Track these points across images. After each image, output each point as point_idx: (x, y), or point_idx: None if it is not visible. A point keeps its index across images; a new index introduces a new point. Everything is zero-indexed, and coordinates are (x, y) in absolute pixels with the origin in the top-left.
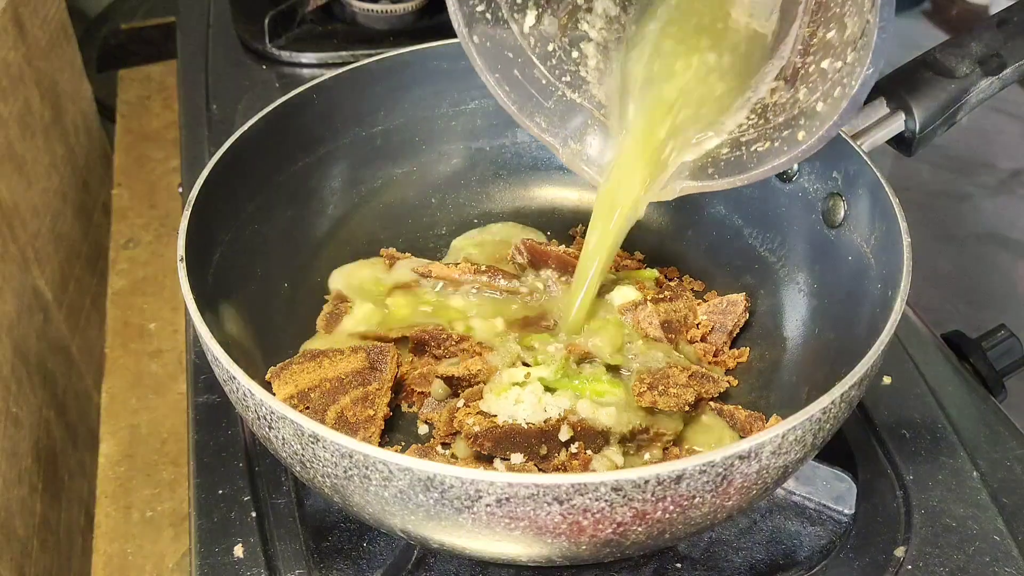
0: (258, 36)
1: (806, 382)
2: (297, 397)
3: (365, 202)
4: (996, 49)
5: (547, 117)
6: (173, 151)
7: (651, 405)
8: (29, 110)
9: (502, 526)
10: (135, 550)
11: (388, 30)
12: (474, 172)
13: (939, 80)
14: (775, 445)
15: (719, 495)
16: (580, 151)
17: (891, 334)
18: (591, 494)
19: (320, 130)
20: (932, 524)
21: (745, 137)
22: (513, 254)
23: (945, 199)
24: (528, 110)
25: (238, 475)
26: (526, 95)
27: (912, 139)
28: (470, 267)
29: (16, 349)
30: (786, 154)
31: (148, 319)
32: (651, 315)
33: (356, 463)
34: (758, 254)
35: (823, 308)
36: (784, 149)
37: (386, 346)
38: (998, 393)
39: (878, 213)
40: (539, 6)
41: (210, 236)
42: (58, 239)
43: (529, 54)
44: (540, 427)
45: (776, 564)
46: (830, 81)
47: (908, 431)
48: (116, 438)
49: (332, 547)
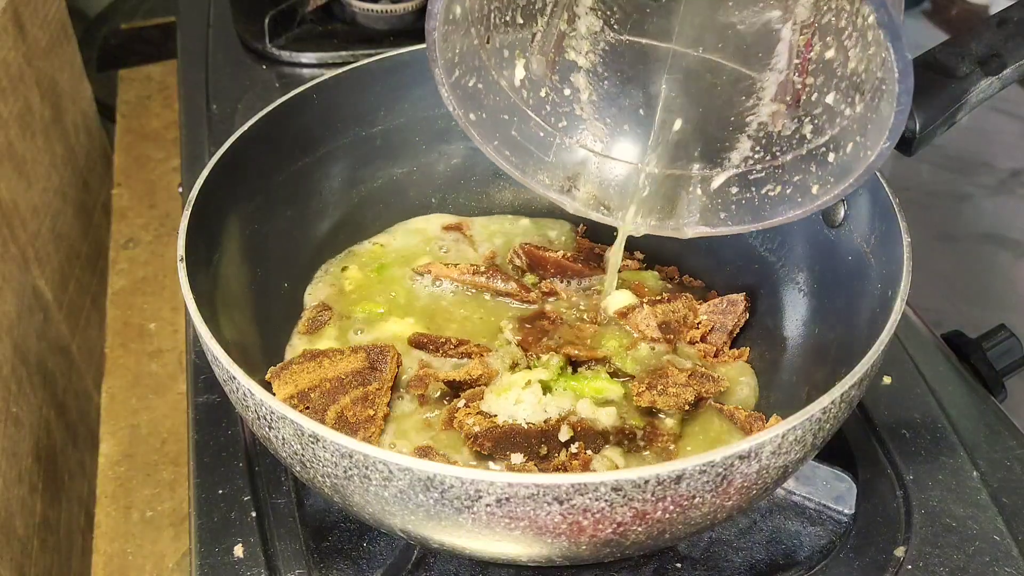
0: (258, 36)
1: (806, 382)
2: (297, 397)
3: (365, 202)
4: (996, 49)
5: (550, 172)
6: (173, 151)
7: (650, 405)
8: (29, 110)
9: (502, 526)
10: (135, 550)
11: (388, 30)
12: (474, 172)
13: (939, 80)
14: (775, 445)
15: (719, 495)
16: (588, 195)
17: (891, 334)
18: (591, 494)
19: (320, 130)
20: (932, 524)
21: (753, 175)
22: (512, 257)
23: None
24: (531, 170)
25: (238, 475)
26: (526, 154)
27: (912, 139)
28: (469, 268)
29: (16, 349)
30: (800, 206)
31: (148, 319)
32: (648, 317)
33: (356, 463)
34: (758, 254)
35: (823, 308)
36: (798, 200)
37: (386, 346)
38: (998, 393)
39: (878, 213)
40: (524, 53)
41: (210, 236)
42: (58, 239)
43: (523, 108)
44: (540, 427)
45: (776, 564)
46: (839, 127)
47: (908, 431)
48: (116, 438)
49: (332, 547)
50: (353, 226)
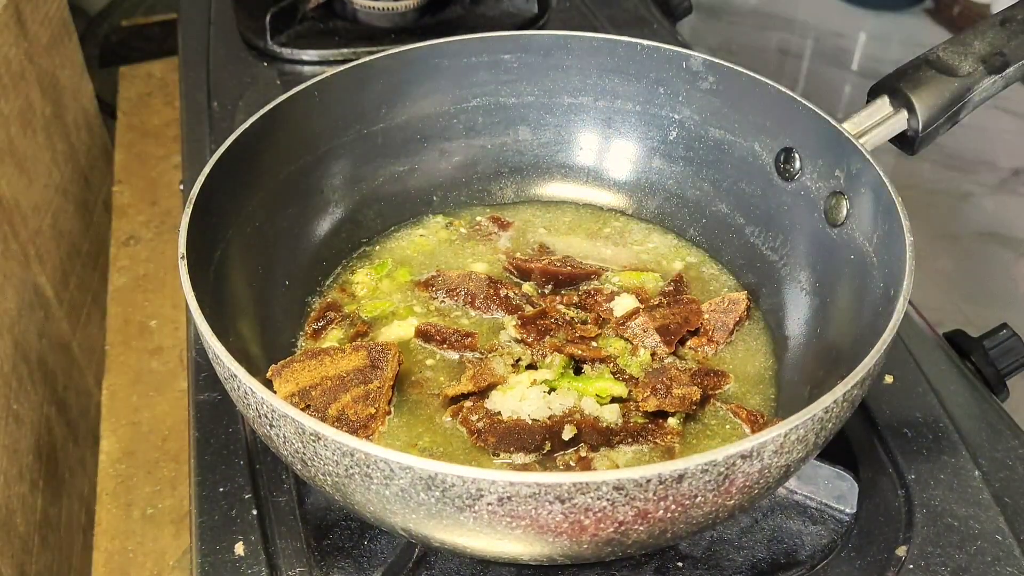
0: (259, 33)
1: (808, 381)
2: (298, 395)
3: (367, 200)
4: (999, 47)
5: None
6: (174, 148)
7: (657, 409)
8: (30, 107)
9: (503, 525)
10: (136, 547)
11: (389, 27)
12: (475, 170)
13: (942, 78)
14: (777, 444)
15: (721, 494)
16: None
17: (894, 333)
18: (593, 493)
19: (321, 128)
20: (934, 523)
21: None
22: (508, 267)
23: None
24: None
25: (239, 473)
26: None
27: (915, 138)
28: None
29: (17, 346)
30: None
31: (149, 316)
32: (646, 323)
33: (357, 461)
34: (760, 253)
35: (825, 307)
36: None
37: (387, 344)
38: (1000, 392)
39: (881, 212)
40: None
41: (211, 234)
42: (59, 236)
43: None
44: (544, 423)
45: (777, 563)
46: None
47: (910, 430)
48: (117, 435)
49: (333, 545)
50: (354, 224)
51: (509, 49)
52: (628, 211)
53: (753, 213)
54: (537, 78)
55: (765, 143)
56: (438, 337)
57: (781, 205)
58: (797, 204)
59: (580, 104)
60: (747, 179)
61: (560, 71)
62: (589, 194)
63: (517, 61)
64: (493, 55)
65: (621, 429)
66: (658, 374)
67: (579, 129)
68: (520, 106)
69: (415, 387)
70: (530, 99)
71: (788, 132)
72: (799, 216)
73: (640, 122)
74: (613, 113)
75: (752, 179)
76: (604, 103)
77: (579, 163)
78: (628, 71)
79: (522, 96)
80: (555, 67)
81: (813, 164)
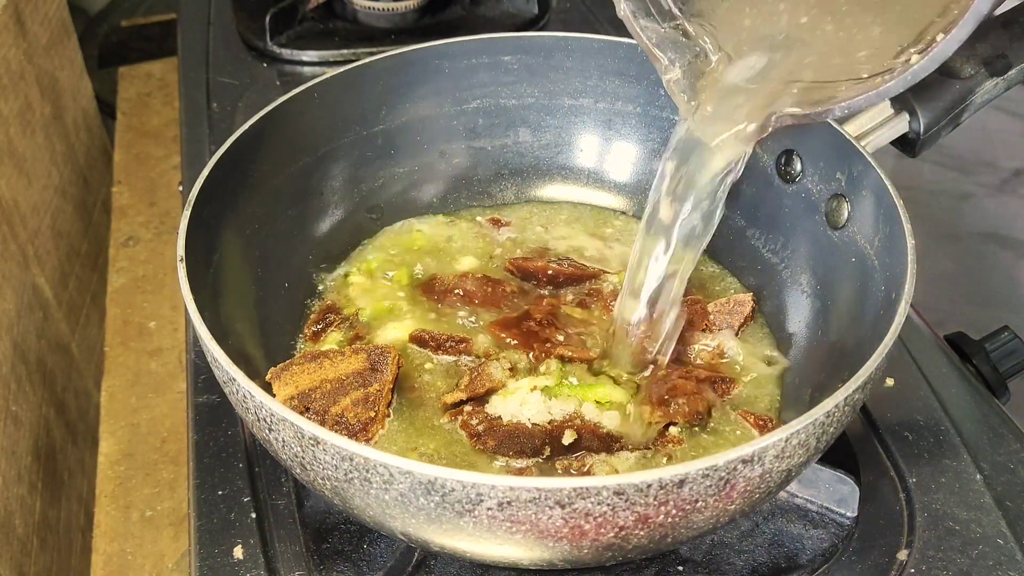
0: (259, 34)
1: (809, 384)
2: (297, 398)
3: (366, 202)
4: (1001, 50)
5: (658, 34)
6: (173, 149)
7: (662, 420)
8: (29, 107)
9: (503, 530)
10: (135, 549)
11: (390, 28)
12: (476, 171)
13: (944, 81)
14: (778, 449)
15: (722, 499)
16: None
17: (895, 337)
18: (593, 498)
19: (321, 129)
20: (935, 527)
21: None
22: (508, 268)
23: (946, 198)
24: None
25: (238, 476)
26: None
27: (916, 140)
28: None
29: (16, 347)
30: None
31: (148, 317)
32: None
33: (357, 466)
34: (761, 255)
35: (826, 310)
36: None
37: (387, 347)
38: (1001, 395)
39: (882, 215)
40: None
41: (210, 236)
42: (58, 237)
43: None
44: (544, 427)
45: (778, 567)
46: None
47: (911, 433)
48: (116, 437)
49: (332, 549)
50: (354, 225)
51: (509, 50)
52: (628, 212)
53: (754, 216)
54: (537, 80)
55: (766, 145)
56: (432, 343)
57: (782, 207)
58: (798, 207)
59: (580, 106)
60: (748, 181)
61: (560, 72)
62: (589, 195)
63: (517, 62)
64: (493, 56)
65: (622, 434)
66: (661, 383)
67: (579, 131)
68: (520, 108)
69: (414, 390)
70: (530, 100)
71: (789, 134)
72: (800, 219)
73: (641, 124)
74: (613, 115)
75: (753, 181)
76: (605, 104)
77: (579, 165)
78: (629, 73)
79: (522, 98)
80: (555, 68)
81: (814, 166)
